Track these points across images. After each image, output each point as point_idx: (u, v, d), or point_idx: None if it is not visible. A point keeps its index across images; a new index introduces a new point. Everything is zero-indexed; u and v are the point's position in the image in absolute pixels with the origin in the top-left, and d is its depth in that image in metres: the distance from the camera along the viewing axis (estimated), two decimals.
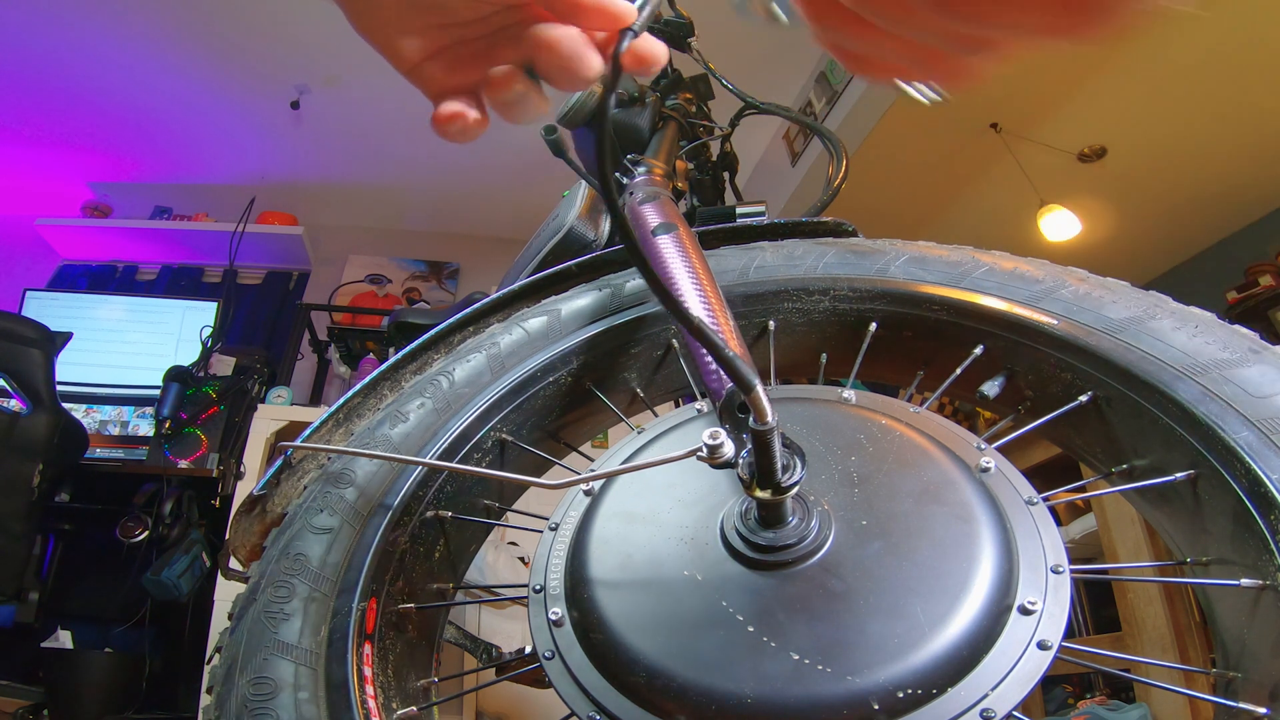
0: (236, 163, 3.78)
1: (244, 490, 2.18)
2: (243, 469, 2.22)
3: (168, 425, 2.22)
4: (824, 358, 0.71)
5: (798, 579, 0.45)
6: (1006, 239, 3.45)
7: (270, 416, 2.31)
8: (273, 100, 3.35)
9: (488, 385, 0.66)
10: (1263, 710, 0.41)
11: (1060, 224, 3.70)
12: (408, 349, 0.72)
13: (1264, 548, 0.43)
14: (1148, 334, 0.53)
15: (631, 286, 0.72)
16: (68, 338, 2.04)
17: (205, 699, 0.51)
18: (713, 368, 0.53)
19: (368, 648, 0.51)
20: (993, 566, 0.43)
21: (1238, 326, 0.52)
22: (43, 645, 2.04)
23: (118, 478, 2.29)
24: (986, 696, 0.39)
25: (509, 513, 0.70)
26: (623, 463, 0.55)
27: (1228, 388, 0.48)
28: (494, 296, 0.76)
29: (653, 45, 0.33)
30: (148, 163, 3.78)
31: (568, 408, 0.70)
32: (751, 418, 0.42)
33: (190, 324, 2.95)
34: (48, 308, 2.89)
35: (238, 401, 2.38)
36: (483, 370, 0.67)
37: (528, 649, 0.71)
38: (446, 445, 0.61)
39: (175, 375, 2.28)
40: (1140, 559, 2.09)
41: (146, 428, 2.48)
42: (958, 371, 0.62)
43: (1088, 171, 3.70)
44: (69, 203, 3.86)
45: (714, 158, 1.21)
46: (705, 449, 0.43)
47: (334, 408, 0.67)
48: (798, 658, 0.41)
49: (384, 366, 0.70)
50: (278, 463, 0.65)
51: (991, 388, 0.62)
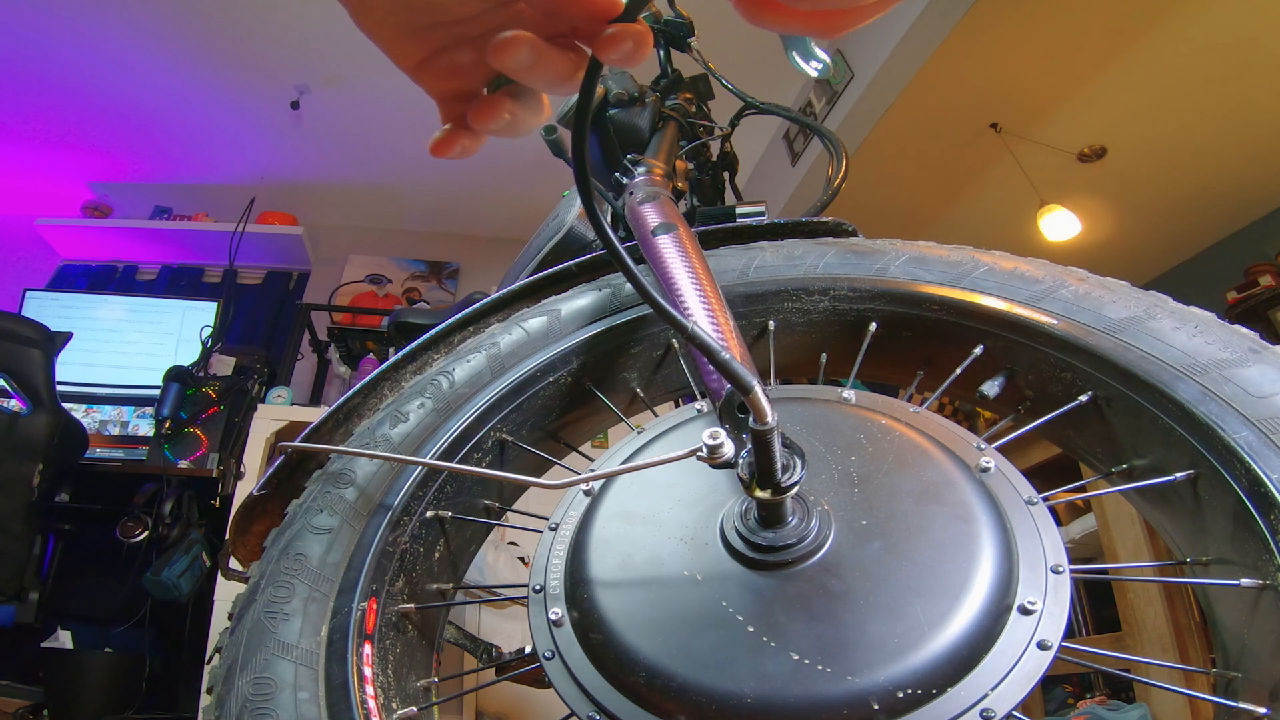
0: (236, 163, 3.78)
1: (244, 490, 2.18)
2: (243, 469, 2.22)
3: (168, 425, 2.22)
4: (824, 358, 0.71)
5: (797, 579, 0.45)
6: (1006, 239, 3.46)
7: (270, 416, 2.32)
8: (273, 100, 3.36)
9: (488, 385, 0.66)
10: (1263, 710, 0.41)
11: (1060, 224, 3.71)
12: (408, 349, 0.71)
13: (1264, 548, 0.43)
14: (1148, 334, 0.53)
15: (632, 286, 0.72)
16: (68, 338, 2.04)
17: (205, 699, 0.51)
18: (712, 367, 0.53)
19: (368, 648, 0.51)
20: (993, 566, 0.43)
21: (1238, 326, 0.52)
22: (43, 645, 2.03)
23: (118, 478, 2.29)
24: (986, 696, 0.39)
25: (509, 513, 0.70)
26: (623, 463, 0.55)
27: (1228, 388, 0.48)
28: (494, 296, 0.76)
29: (634, 30, 0.32)
30: (148, 163, 3.78)
31: (568, 408, 0.70)
32: (751, 418, 0.42)
33: (190, 324, 2.95)
34: (48, 308, 2.89)
35: (238, 401, 2.38)
36: (483, 370, 0.67)
37: (528, 649, 0.71)
38: (446, 445, 0.61)
39: (175, 375, 2.28)
40: (1140, 559, 2.09)
41: (146, 428, 2.48)
42: (958, 371, 0.62)
43: (1088, 171, 3.71)
44: (69, 203, 3.86)
45: (714, 158, 1.21)
46: (705, 449, 0.43)
47: (334, 408, 0.67)
48: (797, 658, 0.41)
49: (384, 366, 0.70)
50: (278, 462, 0.65)
51: (991, 388, 0.62)
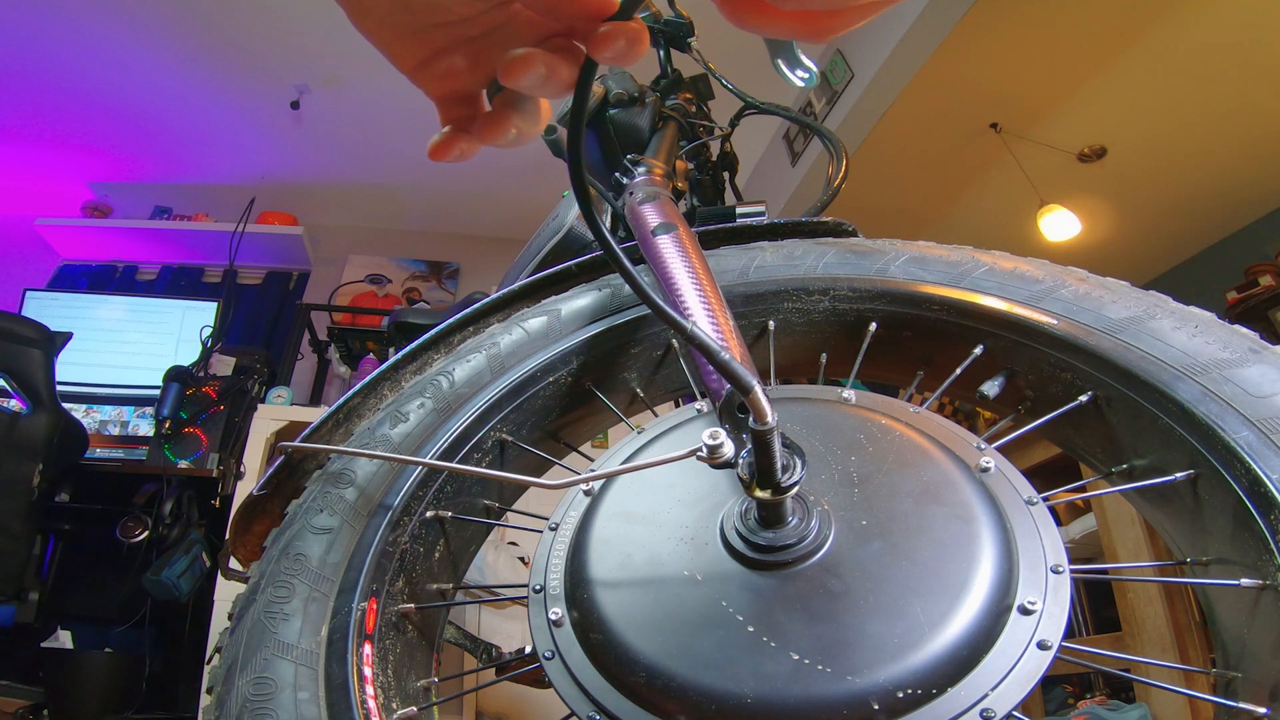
0: (236, 163, 3.78)
1: (244, 490, 2.18)
2: (243, 469, 2.22)
3: (168, 425, 2.22)
4: (824, 358, 0.71)
5: (797, 579, 0.45)
6: (1006, 239, 3.46)
7: (270, 416, 2.32)
8: (273, 100, 3.36)
9: (488, 385, 0.65)
10: (1263, 710, 0.41)
11: (1060, 224, 3.71)
12: (408, 349, 0.71)
13: (1264, 548, 0.43)
14: (1148, 334, 0.53)
15: None
16: (68, 338, 2.04)
17: (205, 699, 0.51)
18: (712, 367, 0.53)
19: (368, 648, 0.51)
20: (993, 566, 0.43)
21: (1238, 326, 0.52)
22: (43, 645, 2.03)
23: (118, 478, 2.29)
24: (986, 696, 0.39)
25: (509, 513, 0.70)
26: (623, 463, 0.55)
27: (1228, 387, 0.48)
28: (494, 296, 0.76)
29: (629, 28, 0.32)
30: (148, 163, 3.78)
31: (568, 408, 0.70)
32: (751, 418, 0.42)
33: (190, 324, 2.95)
34: (48, 308, 2.89)
35: (238, 401, 2.38)
36: (483, 370, 0.67)
37: (528, 649, 0.71)
38: (446, 445, 0.61)
39: (175, 375, 2.28)
40: (1140, 559, 2.09)
41: (146, 428, 2.48)
42: (958, 371, 0.62)
43: (1088, 171, 3.71)
44: (69, 203, 3.86)
45: (714, 158, 1.21)
46: (705, 449, 0.43)
47: (334, 408, 0.67)
48: (797, 658, 0.41)
49: (384, 366, 0.70)
50: (278, 463, 0.65)
51: (991, 388, 0.62)
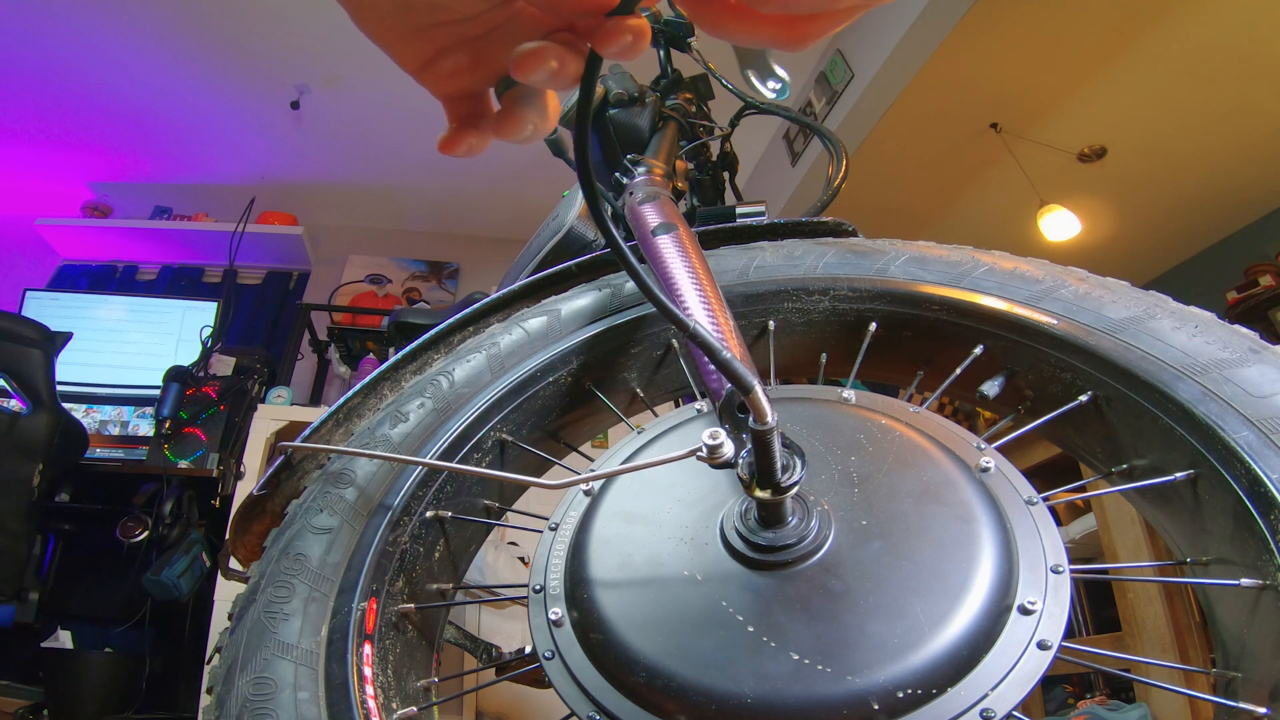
0: (236, 163, 3.78)
1: (244, 490, 2.18)
2: (243, 469, 2.22)
3: (168, 425, 2.22)
4: (824, 358, 0.71)
5: (797, 579, 0.45)
6: (1006, 239, 3.46)
7: (270, 416, 2.32)
8: (273, 100, 3.36)
9: (488, 385, 0.65)
10: (1263, 710, 0.41)
11: (1060, 224, 3.71)
12: (408, 349, 0.71)
13: (1264, 548, 0.43)
14: (1148, 334, 0.53)
15: (632, 286, 0.72)
16: (68, 338, 2.04)
17: (205, 699, 0.51)
18: (712, 368, 0.53)
19: (368, 648, 0.51)
20: (993, 566, 0.43)
21: (1238, 326, 0.52)
22: (43, 645, 2.03)
23: (118, 478, 2.29)
24: (986, 696, 0.39)
25: (509, 513, 0.70)
26: (623, 463, 0.55)
27: (1228, 388, 0.48)
28: (494, 296, 0.76)
29: (633, 24, 0.32)
30: (148, 163, 3.78)
31: (568, 408, 0.70)
32: (751, 418, 0.42)
33: (190, 324, 2.95)
34: (48, 308, 2.89)
35: (238, 401, 2.38)
36: (483, 370, 0.67)
37: (528, 649, 0.71)
38: (446, 445, 0.61)
39: (175, 375, 2.28)
40: (1140, 559, 2.09)
41: (146, 428, 2.47)
42: (958, 371, 0.62)
43: (1088, 171, 3.71)
44: (69, 203, 3.86)
45: (714, 158, 1.21)
46: (705, 449, 0.43)
47: (334, 408, 0.67)
48: (797, 658, 0.41)
49: (384, 366, 0.70)
50: (278, 463, 0.65)
51: (991, 388, 0.62)
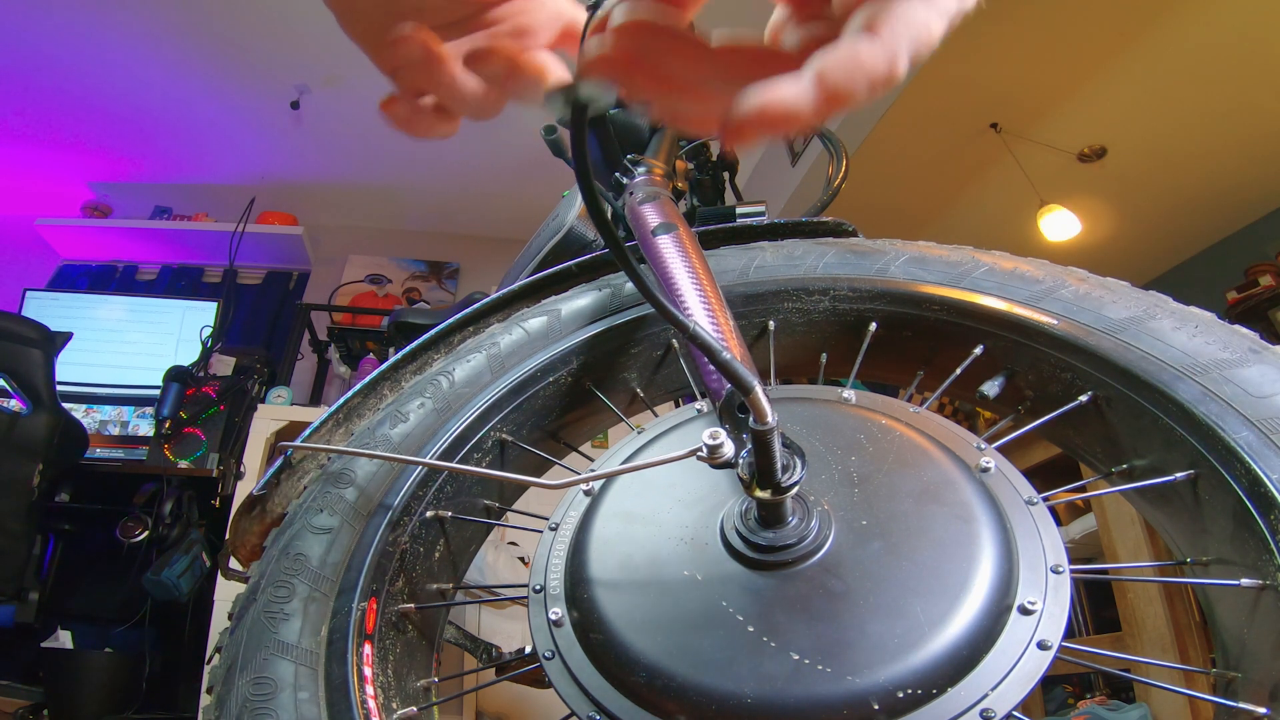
0: (236, 163, 3.78)
1: (244, 490, 2.18)
2: (243, 469, 2.22)
3: (168, 425, 2.22)
4: (824, 358, 0.71)
5: (798, 579, 0.45)
6: (1006, 239, 3.46)
7: (270, 416, 2.32)
8: (273, 100, 3.35)
9: (488, 385, 0.65)
10: (1263, 710, 0.41)
11: (1060, 224, 3.71)
12: (408, 349, 0.71)
13: (1264, 548, 0.43)
14: (1148, 334, 0.53)
15: (632, 286, 0.72)
16: (68, 338, 2.04)
17: (205, 699, 0.51)
18: (712, 368, 0.53)
19: (368, 648, 0.51)
20: (993, 566, 0.43)
21: (1238, 326, 0.52)
22: (43, 645, 2.03)
23: (118, 478, 2.29)
24: (986, 696, 0.39)
25: (509, 513, 0.70)
26: (623, 463, 0.55)
27: (1228, 388, 0.48)
28: (494, 296, 0.76)
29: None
30: (148, 163, 3.78)
31: (568, 408, 0.70)
32: (751, 418, 0.42)
33: (190, 324, 2.95)
34: (48, 308, 2.89)
35: (238, 401, 2.38)
36: (483, 370, 0.67)
37: (528, 649, 0.71)
38: (446, 445, 0.61)
39: (175, 375, 2.28)
40: (1140, 559, 2.09)
41: (146, 428, 2.48)
42: (958, 371, 0.62)
43: (1088, 171, 3.71)
44: (69, 203, 3.86)
45: (714, 158, 1.21)
46: (705, 449, 0.43)
47: (334, 408, 0.67)
48: (797, 658, 0.41)
49: (384, 366, 0.70)
50: (278, 463, 0.65)
51: (991, 388, 0.62)
